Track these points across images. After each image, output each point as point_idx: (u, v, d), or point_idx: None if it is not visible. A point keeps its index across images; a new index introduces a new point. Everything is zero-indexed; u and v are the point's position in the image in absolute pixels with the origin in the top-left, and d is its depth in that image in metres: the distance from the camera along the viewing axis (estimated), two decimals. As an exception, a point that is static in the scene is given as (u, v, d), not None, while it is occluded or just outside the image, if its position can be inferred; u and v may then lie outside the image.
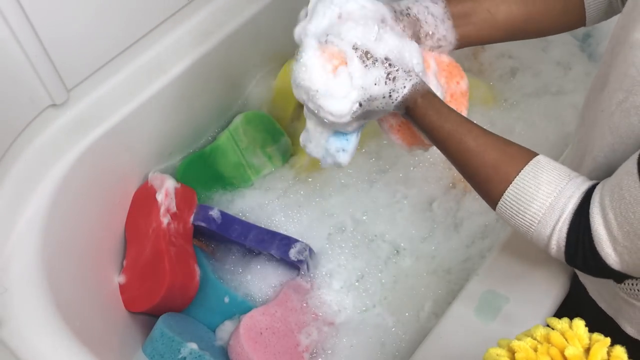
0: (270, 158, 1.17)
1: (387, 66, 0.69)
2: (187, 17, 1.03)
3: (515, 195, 0.63)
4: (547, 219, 0.61)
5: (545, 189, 0.61)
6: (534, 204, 0.62)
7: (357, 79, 0.68)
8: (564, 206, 0.61)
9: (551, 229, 0.61)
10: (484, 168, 0.66)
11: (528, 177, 0.63)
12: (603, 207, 0.58)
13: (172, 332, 0.91)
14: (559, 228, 0.61)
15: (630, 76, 0.59)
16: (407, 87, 0.69)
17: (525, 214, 0.63)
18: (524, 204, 0.62)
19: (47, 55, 0.83)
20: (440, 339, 0.81)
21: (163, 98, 1.01)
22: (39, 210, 0.85)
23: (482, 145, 0.66)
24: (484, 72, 1.32)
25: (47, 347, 0.76)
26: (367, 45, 0.69)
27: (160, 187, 1.02)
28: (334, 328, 1.01)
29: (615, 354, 0.47)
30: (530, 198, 0.62)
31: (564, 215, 0.61)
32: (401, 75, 0.69)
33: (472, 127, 0.68)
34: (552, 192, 0.61)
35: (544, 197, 0.61)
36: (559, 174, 0.63)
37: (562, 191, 0.61)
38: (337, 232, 1.11)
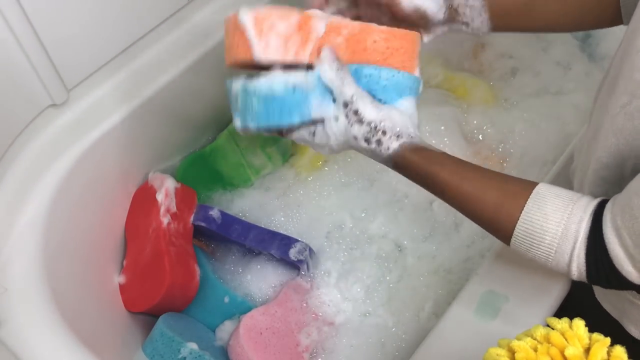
0: (270, 158, 1.17)
1: (372, 128, 0.69)
2: (187, 17, 1.03)
3: (525, 231, 0.63)
4: (562, 247, 0.61)
5: (554, 219, 0.61)
6: (546, 236, 0.62)
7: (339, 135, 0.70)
8: (576, 232, 0.60)
9: (569, 256, 0.61)
10: (486, 211, 0.66)
11: (533, 210, 0.63)
12: (617, 228, 0.58)
13: (172, 332, 0.91)
14: (576, 254, 0.61)
15: (635, 80, 0.59)
16: (391, 148, 0.70)
17: (540, 246, 0.63)
18: (537, 238, 0.62)
19: (47, 55, 0.83)
20: (440, 339, 0.81)
21: (163, 98, 1.01)
22: (39, 210, 0.85)
23: (481, 188, 0.66)
24: (484, 72, 1.32)
25: (47, 347, 0.76)
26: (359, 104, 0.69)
27: (160, 187, 1.02)
28: (334, 328, 1.01)
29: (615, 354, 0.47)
30: (541, 231, 0.62)
31: (578, 241, 0.60)
32: (386, 138, 0.69)
33: (467, 172, 0.68)
34: (562, 221, 0.61)
35: (554, 227, 0.61)
36: (562, 200, 0.62)
37: (570, 217, 0.61)
38: (337, 232, 1.11)
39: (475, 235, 1.09)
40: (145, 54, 0.99)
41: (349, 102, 0.69)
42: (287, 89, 0.68)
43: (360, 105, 0.69)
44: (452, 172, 0.67)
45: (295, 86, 0.68)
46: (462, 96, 1.26)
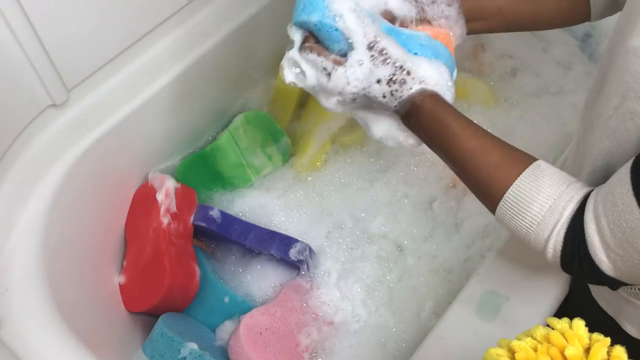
0: (270, 158, 1.17)
1: (398, 68, 0.68)
2: (187, 17, 1.03)
3: (516, 197, 0.63)
4: (546, 221, 0.61)
5: (546, 191, 0.61)
6: (534, 205, 0.62)
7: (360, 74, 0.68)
8: (562, 209, 0.61)
9: (549, 231, 0.61)
10: (486, 169, 0.66)
11: (529, 179, 0.63)
12: (597, 214, 0.58)
13: (172, 332, 0.91)
14: (556, 231, 0.61)
15: (626, 82, 0.59)
16: (413, 89, 0.68)
17: (525, 215, 0.63)
18: (525, 206, 0.62)
19: (47, 55, 0.83)
20: (440, 338, 0.81)
21: (163, 98, 1.01)
22: (39, 210, 0.85)
23: (486, 146, 0.66)
24: (484, 72, 1.32)
25: (47, 347, 0.76)
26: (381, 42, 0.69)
27: (160, 187, 1.02)
28: (334, 328, 1.01)
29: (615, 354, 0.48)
30: (530, 200, 0.62)
31: (562, 218, 0.61)
32: (410, 78, 0.68)
33: (477, 129, 0.68)
34: (552, 195, 0.61)
35: (544, 200, 0.61)
36: (559, 177, 0.63)
37: (561, 194, 0.61)
38: (337, 232, 1.11)
39: (476, 235, 1.09)
40: (145, 54, 0.99)
41: (374, 42, 0.68)
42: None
43: (386, 44, 0.68)
44: (463, 127, 0.67)
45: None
46: (462, 96, 1.26)
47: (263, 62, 1.21)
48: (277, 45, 1.21)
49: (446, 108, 0.68)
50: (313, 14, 0.70)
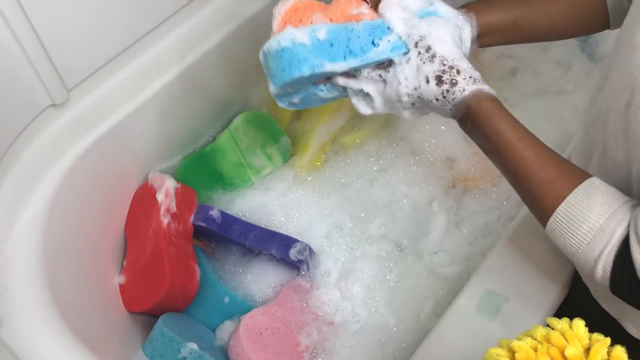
0: (270, 158, 1.17)
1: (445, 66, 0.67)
2: (187, 17, 1.03)
3: (567, 213, 0.62)
4: (596, 241, 0.60)
5: (598, 210, 0.60)
6: (586, 224, 0.60)
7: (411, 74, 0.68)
8: (613, 230, 0.59)
9: (599, 252, 0.60)
10: (539, 182, 0.64)
11: (582, 196, 0.61)
12: (639, 238, 0.57)
13: (172, 332, 0.91)
14: (607, 252, 0.59)
15: (634, 77, 0.59)
16: (467, 90, 0.66)
17: (575, 233, 0.61)
18: (576, 223, 0.61)
19: (47, 55, 0.83)
20: (440, 339, 0.81)
21: (163, 98, 1.01)
22: (39, 210, 0.85)
23: (541, 158, 0.64)
24: (484, 72, 1.32)
25: (47, 347, 0.76)
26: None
27: (160, 187, 1.02)
28: (334, 328, 1.01)
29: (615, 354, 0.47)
30: (582, 218, 0.61)
31: (613, 239, 0.59)
32: (461, 78, 0.66)
33: (534, 140, 0.66)
34: (604, 214, 0.60)
35: (595, 218, 0.60)
36: (612, 196, 0.61)
37: (613, 214, 0.60)
38: (337, 232, 1.11)
39: (476, 234, 1.09)
40: (146, 54, 0.99)
41: (419, 40, 0.67)
42: (294, 41, 0.69)
43: (431, 42, 0.67)
44: (520, 136, 0.65)
45: (296, 39, 0.68)
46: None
47: (263, 62, 1.21)
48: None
49: (504, 114, 0.66)
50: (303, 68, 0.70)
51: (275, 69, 0.71)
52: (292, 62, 0.69)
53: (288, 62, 0.69)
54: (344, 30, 0.69)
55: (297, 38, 0.68)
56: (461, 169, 1.16)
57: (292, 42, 0.68)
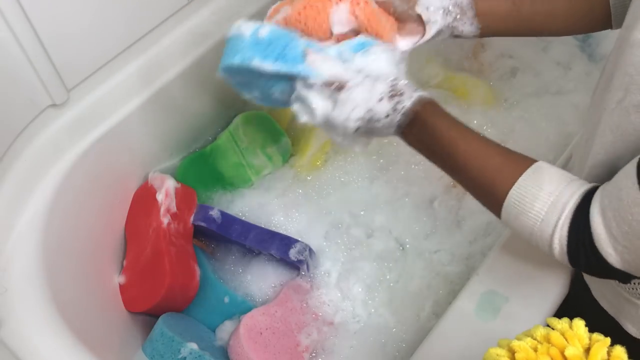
0: (270, 158, 1.17)
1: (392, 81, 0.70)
2: (187, 17, 1.03)
3: (519, 196, 0.64)
4: (549, 216, 0.62)
5: (548, 188, 0.62)
6: (537, 203, 0.62)
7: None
8: (565, 203, 0.61)
9: (553, 226, 0.62)
10: (488, 172, 0.66)
11: (531, 178, 0.64)
12: (603, 207, 0.58)
13: (172, 332, 0.91)
14: (560, 225, 0.61)
15: (629, 75, 0.59)
16: (414, 97, 0.70)
17: (529, 213, 0.63)
18: (528, 204, 0.63)
19: (47, 55, 0.83)
20: (440, 339, 0.81)
21: (163, 98, 1.01)
22: (39, 210, 0.85)
23: (487, 149, 0.67)
24: (484, 72, 1.32)
25: (47, 347, 0.76)
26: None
27: (160, 187, 1.02)
28: (334, 328, 1.01)
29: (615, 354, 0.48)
30: (533, 197, 0.63)
31: (565, 212, 0.61)
32: (406, 87, 0.70)
33: (477, 134, 0.68)
34: (554, 191, 0.62)
35: (546, 196, 0.62)
36: (560, 175, 0.63)
37: (563, 190, 0.62)
38: (337, 232, 1.11)
39: (477, 233, 1.09)
40: (146, 54, 0.99)
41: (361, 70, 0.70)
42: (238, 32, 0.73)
43: (374, 68, 0.70)
44: (463, 132, 0.68)
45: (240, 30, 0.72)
46: (462, 96, 1.26)
47: (263, 62, 1.20)
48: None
49: (445, 114, 0.70)
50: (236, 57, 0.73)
51: (223, 53, 0.75)
52: (231, 50, 0.73)
53: (229, 49, 0.74)
54: (286, 37, 0.72)
55: (241, 30, 0.72)
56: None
57: (236, 32, 0.73)
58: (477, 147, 0.67)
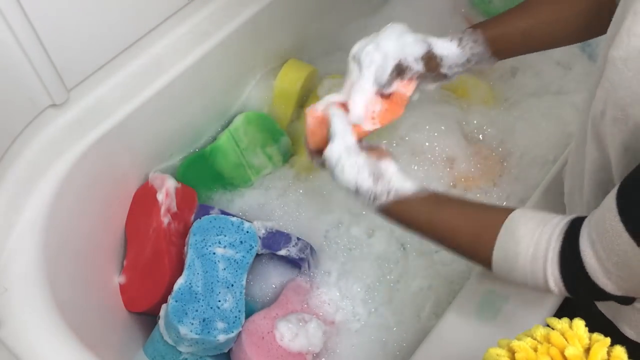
0: (270, 158, 1.16)
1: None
2: (187, 17, 1.03)
3: (501, 258, 0.66)
4: (535, 267, 0.63)
5: (524, 243, 0.64)
6: (519, 260, 0.64)
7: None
8: (545, 250, 0.62)
9: (543, 274, 0.63)
10: (466, 244, 0.70)
11: (506, 237, 0.65)
12: (592, 241, 0.59)
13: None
14: (550, 272, 0.63)
15: (606, 90, 0.60)
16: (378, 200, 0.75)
17: (516, 270, 0.65)
18: (512, 262, 0.65)
19: (47, 55, 0.83)
20: (440, 338, 0.81)
21: (163, 98, 1.01)
22: (39, 210, 0.85)
23: (458, 222, 0.70)
24: (484, 72, 1.32)
25: (47, 347, 0.76)
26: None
27: (161, 187, 1.02)
28: (335, 327, 1.01)
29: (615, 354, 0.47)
30: (514, 255, 0.64)
31: (549, 259, 0.62)
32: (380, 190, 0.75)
33: (443, 210, 0.72)
34: (531, 242, 0.63)
35: (524, 251, 0.64)
36: (534, 223, 0.64)
37: (540, 237, 0.63)
38: (336, 231, 1.11)
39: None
40: (146, 54, 0.99)
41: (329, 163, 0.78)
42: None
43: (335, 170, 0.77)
44: (431, 212, 0.72)
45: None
46: (463, 96, 1.26)
47: (263, 62, 1.21)
48: (277, 46, 1.21)
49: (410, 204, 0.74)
50: None
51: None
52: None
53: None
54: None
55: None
56: (461, 168, 1.16)
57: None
58: (448, 223, 0.71)
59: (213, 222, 0.98)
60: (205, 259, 0.94)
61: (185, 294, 0.90)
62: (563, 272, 0.62)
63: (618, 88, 0.58)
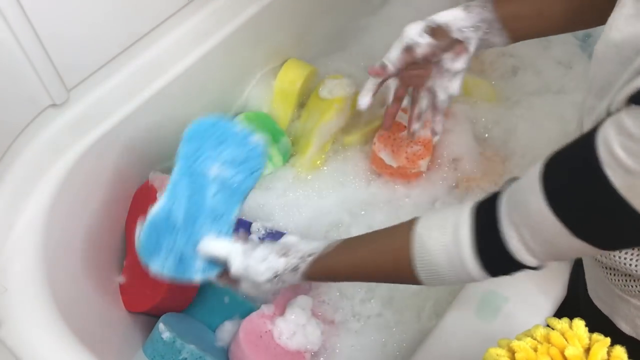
0: (270, 158, 1.16)
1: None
2: (187, 17, 1.03)
3: (426, 274, 0.66)
4: (455, 269, 0.63)
5: (436, 251, 0.64)
6: (440, 269, 0.64)
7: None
8: (457, 251, 0.62)
9: (466, 273, 0.63)
10: (392, 275, 0.71)
11: (420, 254, 0.65)
12: (515, 224, 0.59)
13: (172, 332, 0.90)
14: (471, 267, 0.62)
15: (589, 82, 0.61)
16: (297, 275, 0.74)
17: (444, 278, 0.65)
18: (436, 274, 0.65)
19: (47, 55, 0.83)
20: (440, 339, 0.81)
21: (163, 98, 1.01)
22: (39, 210, 0.85)
23: (374, 259, 0.71)
24: (486, 71, 1.32)
25: (47, 347, 0.76)
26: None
27: (161, 187, 1.02)
28: (335, 327, 1.01)
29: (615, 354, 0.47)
30: (435, 268, 0.64)
31: (463, 257, 0.62)
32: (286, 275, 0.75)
33: (357, 253, 0.72)
34: (441, 249, 0.63)
35: (439, 259, 0.64)
36: (437, 229, 0.65)
37: (446, 243, 0.63)
38: (336, 231, 1.11)
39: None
40: (146, 54, 0.99)
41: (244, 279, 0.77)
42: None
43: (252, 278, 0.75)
44: (346, 265, 0.73)
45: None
46: (465, 95, 1.26)
47: (263, 62, 1.20)
48: (277, 45, 1.21)
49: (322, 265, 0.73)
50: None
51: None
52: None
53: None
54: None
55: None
56: (465, 169, 1.16)
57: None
58: (366, 264, 0.71)
59: (213, 128, 0.79)
60: (195, 179, 0.78)
61: (161, 222, 0.76)
62: (485, 263, 0.62)
63: (598, 80, 0.59)
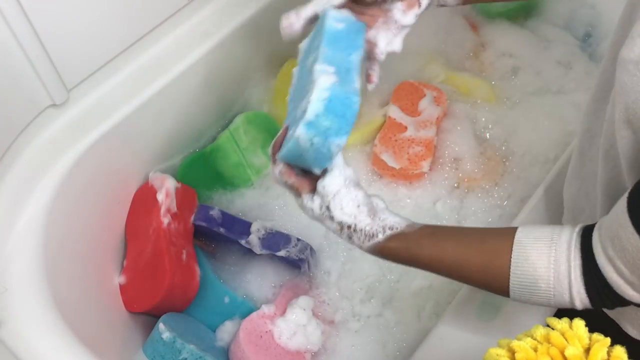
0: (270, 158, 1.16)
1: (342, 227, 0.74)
2: (187, 17, 1.03)
3: (520, 284, 0.64)
4: (559, 289, 0.62)
5: (541, 265, 0.62)
6: (541, 283, 0.63)
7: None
8: (568, 271, 0.61)
9: (568, 295, 0.62)
10: (475, 276, 0.68)
11: (520, 263, 0.63)
12: (610, 258, 0.58)
13: (172, 332, 0.90)
14: (576, 291, 0.61)
15: (618, 93, 0.60)
16: (364, 247, 0.72)
17: (539, 294, 0.63)
18: (533, 287, 0.63)
19: (47, 55, 0.83)
20: (440, 338, 0.81)
21: (163, 98, 1.01)
22: (39, 210, 0.85)
23: (463, 255, 0.68)
24: (485, 71, 1.32)
25: (47, 347, 0.76)
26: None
27: (161, 187, 1.02)
28: (335, 327, 1.01)
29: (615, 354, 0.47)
30: (534, 280, 0.63)
31: (572, 279, 0.61)
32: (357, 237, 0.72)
33: (446, 244, 0.69)
34: (550, 264, 0.62)
35: (545, 273, 0.62)
36: (544, 243, 0.63)
37: (557, 258, 0.62)
38: (337, 232, 1.11)
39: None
40: (146, 54, 0.99)
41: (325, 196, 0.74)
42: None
43: (332, 204, 0.73)
44: (432, 247, 0.69)
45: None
46: (465, 95, 1.26)
47: (263, 62, 1.21)
48: (277, 46, 1.21)
49: (405, 241, 0.70)
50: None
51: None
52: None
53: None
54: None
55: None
56: (466, 169, 1.16)
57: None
58: (451, 257, 0.68)
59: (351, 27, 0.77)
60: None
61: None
62: (588, 290, 0.61)
63: (629, 91, 0.57)
